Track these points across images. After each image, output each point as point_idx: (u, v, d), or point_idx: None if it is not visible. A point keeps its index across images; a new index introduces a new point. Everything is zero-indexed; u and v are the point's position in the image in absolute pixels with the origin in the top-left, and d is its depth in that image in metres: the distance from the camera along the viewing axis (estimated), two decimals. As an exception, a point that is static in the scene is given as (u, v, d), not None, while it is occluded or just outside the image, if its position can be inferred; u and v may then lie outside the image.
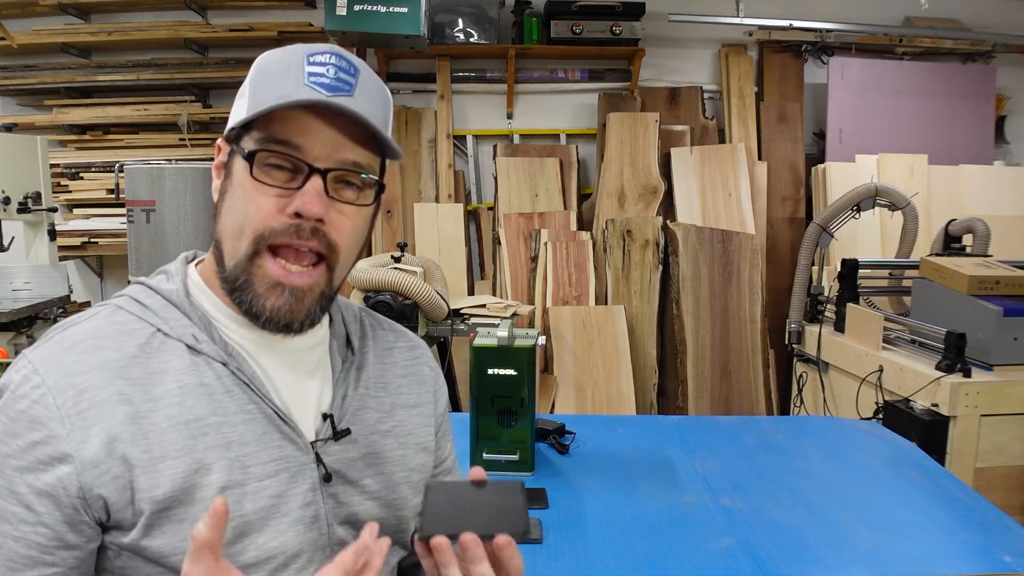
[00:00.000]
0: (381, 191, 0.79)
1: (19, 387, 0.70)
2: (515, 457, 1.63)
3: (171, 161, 3.15)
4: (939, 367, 2.51)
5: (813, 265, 3.51)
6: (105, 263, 4.27)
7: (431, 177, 4.06)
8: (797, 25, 3.99)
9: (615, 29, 3.83)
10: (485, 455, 1.64)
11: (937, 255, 3.11)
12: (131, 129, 4.08)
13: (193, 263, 0.85)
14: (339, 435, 0.81)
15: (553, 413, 3.22)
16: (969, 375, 2.46)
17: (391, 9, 3.27)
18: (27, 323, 3.08)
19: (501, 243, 3.79)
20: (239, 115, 0.76)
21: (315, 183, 0.73)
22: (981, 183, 3.91)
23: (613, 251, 3.66)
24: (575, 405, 3.40)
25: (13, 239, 3.19)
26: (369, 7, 3.25)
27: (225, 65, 3.99)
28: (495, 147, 4.03)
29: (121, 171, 3.22)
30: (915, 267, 3.04)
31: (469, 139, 4.17)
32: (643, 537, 1.35)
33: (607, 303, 3.65)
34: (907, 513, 1.46)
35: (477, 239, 4.14)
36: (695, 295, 3.63)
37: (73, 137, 4.07)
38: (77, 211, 4.04)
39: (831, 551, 1.30)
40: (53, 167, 3.66)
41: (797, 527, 1.39)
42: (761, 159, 4.03)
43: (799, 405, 3.47)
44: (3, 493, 0.69)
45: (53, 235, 3.35)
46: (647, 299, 3.66)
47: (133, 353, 0.74)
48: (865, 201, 3.35)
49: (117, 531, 0.72)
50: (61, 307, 3.25)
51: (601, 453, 1.77)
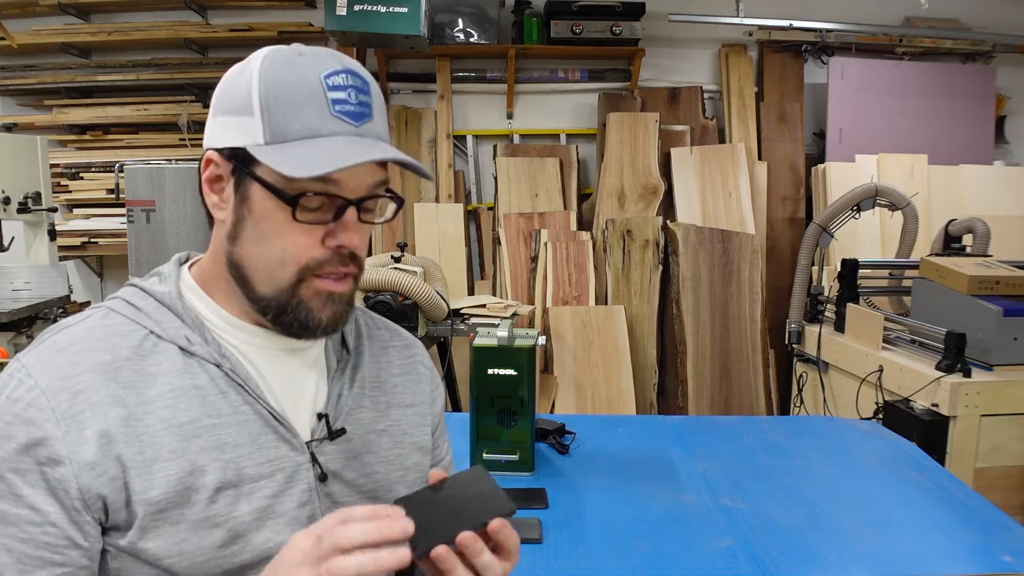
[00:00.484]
0: (400, 206, 0.81)
1: (13, 391, 0.70)
2: (515, 457, 1.63)
3: (171, 161, 3.16)
4: (939, 367, 2.51)
5: (813, 265, 3.51)
6: (105, 263, 4.27)
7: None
8: (797, 25, 3.99)
9: (615, 29, 3.83)
10: (485, 455, 1.64)
11: (937, 255, 3.11)
12: (131, 129, 4.09)
13: (186, 264, 0.84)
14: (334, 435, 0.81)
15: (553, 413, 3.22)
16: (969, 375, 2.46)
17: (391, 9, 3.27)
18: (27, 323, 3.08)
19: (501, 243, 3.79)
20: (251, 137, 0.72)
21: (352, 216, 0.74)
22: (981, 183, 3.91)
23: (613, 251, 3.66)
24: (575, 405, 3.40)
25: (13, 239, 3.19)
26: (369, 7, 3.25)
27: (225, 65, 3.93)
28: (495, 147, 4.03)
29: (121, 171, 3.22)
30: (915, 267, 3.04)
31: (469, 139, 4.17)
32: (643, 537, 1.35)
33: (607, 303, 3.65)
34: (907, 513, 1.46)
35: (477, 239, 4.14)
36: (695, 295, 3.63)
37: (73, 137, 4.08)
38: (77, 211, 4.04)
39: (831, 551, 1.30)
40: (53, 167, 3.66)
41: (797, 527, 1.39)
42: (761, 159, 4.03)
43: (799, 405, 3.47)
44: (5, 496, 0.68)
45: (53, 235, 3.36)
46: (647, 299, 3.66)
47: (126, 356, 0.73)
48: (865, 201, 3.35)
49: (115, 532, 0.72)
50: (61, 307, 3.25)
51: (601, 453, 1.77)
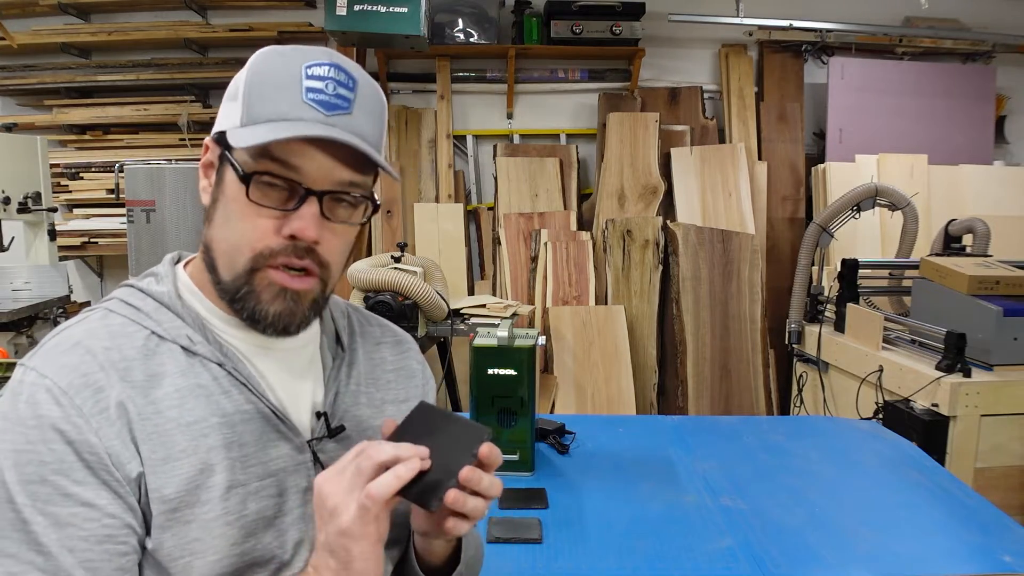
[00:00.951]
0: (375, 210, 0.79)
1: (32, 395, 0.69)
2: (515, 457, 1.63)
3: (171, 161, 3.16)
4: (939, 367, 2.51)
5: (813, 265, 3.51)
6: (105, 263, 4.27)
7: (431, 177, 4.06)
8: (797, 25, 3.99)
9: (615, 29, 3.83)
10: (485, 455, 1.63)
11: (937, 255, 3.11)
12: (131, 129, 4.08)
13: (181, 264, 0.84)
14: (334, 432, 0.82)
15: (553, 413, 3.22)
16: (969, 375, 2.46)
17: (391, 9, 3.27)
18: (27, 323, 3.08)
19: (501, 243, 3.79)
20: (231, 121, 0.75)
21: (311, 207, 0.73)
22: (981, 183, 3.91)
23: (613, 251, 3.66)
24: (575, 405, 3.40)
25: (13, 239, 3.19)
26: (369, 7, 3.25)
27: (225, 65, 3.99)
28: (495, 147, 4.03)
29: (121, 171, 3.22)
30: (915, 267, 3.04)
31: (469, 139, 4.17)
32: (643, 537, 1.35)
33: (607, 303, 3.65)
34: (907, 513, 1.45)
35: (477, 239, 4.14)
36: (695, 295, 3.63)
37: (73, 137, 4.07)
38: (77, 211, 4.04)
39: (831, 551, 1.30)
40: (53, 167, 3.66)
41: (797, 527, 1.39)
42: (761, 159, 4.03)
43: (799, 405, 3.47)
44: (56, 500, 0.67)
45: (53, 235, 3.35)
46: (647, 299, 3.66)
47: (132, 356, 0.73)
48: (865, 201, 3.35)
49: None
50: (61, 307, 3.25)
51: (601, 453, 1.76)
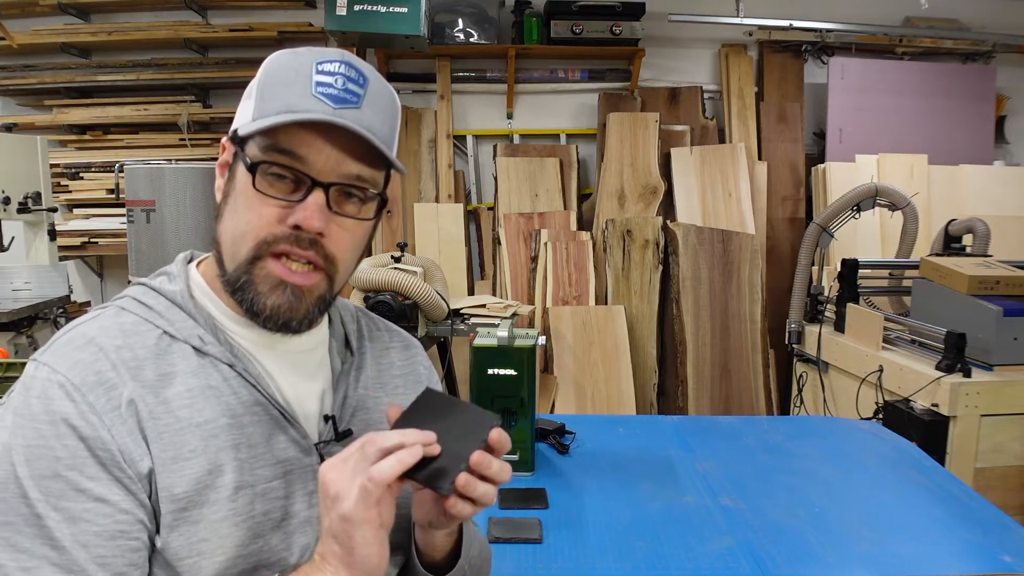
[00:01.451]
0: (384, 205, 0.79)
1: (44, 390, 0.69)
2: (515, 457, 1.63)
3: (171, 161, 3.15)
4: (939, 367, 2.51)
5: (813, 265, 3.51)
6: (105, 263, 4.27)
7: (431, 177, 4.06)
8: (797, 25, 3.99)
9: (615, 29, 3.83)
10: (485, 455, 1.64)
11: (937, 255, 3.11)
12: (131, 129, 4.08)
13: (193, 264, 0.84)
14: (341, 436, 0.82)
15: (553, 413, 3.22)
16: (969, 375, 2.46)
17: (391, 9, 3.27)
18: (27, 323, 3.08)
19: (501, 243, 3.79)
20: (244, 118, 0.76)
21: (317, 197, 0.73)
22: (981, 183, 3.91)
23: (613, 251, 3.66)
24: (575, 405, 3.40)
25: (13, 239, 3.19)
26: (369, 7, 3.25)
27: (225, 65, 3.99)
28: (495, 147, 4.03)
29: (121, 171, 3.22)
30: (915, 267, 3.04)
31: (469, 139, 4.17)
32: (643, 537, 1.35)
33: (607, 303, 3.65)
34: (907, 513, 1.45)
35: (477, 239, 4.14)
36: (695, 295, 3.63)
37: (73, 137, 4.07)
38: (77, 211, 4.04)
39: (831, 551, 1.30)
40: (53, 167, 3.66)
41: (797, 527, 1.39)
42: (761, 159, 4.03)
43: (799, 405, 3.47)
44: (69, 495, 0.67)
45: (53, 235, 3.36)
46: (647, 299, 3.66)
47: (144, 355, 0.73)
48: (865, 201, 3.35)
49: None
50: (61, 307, 3.25)
51: (601, 453, 1.76)
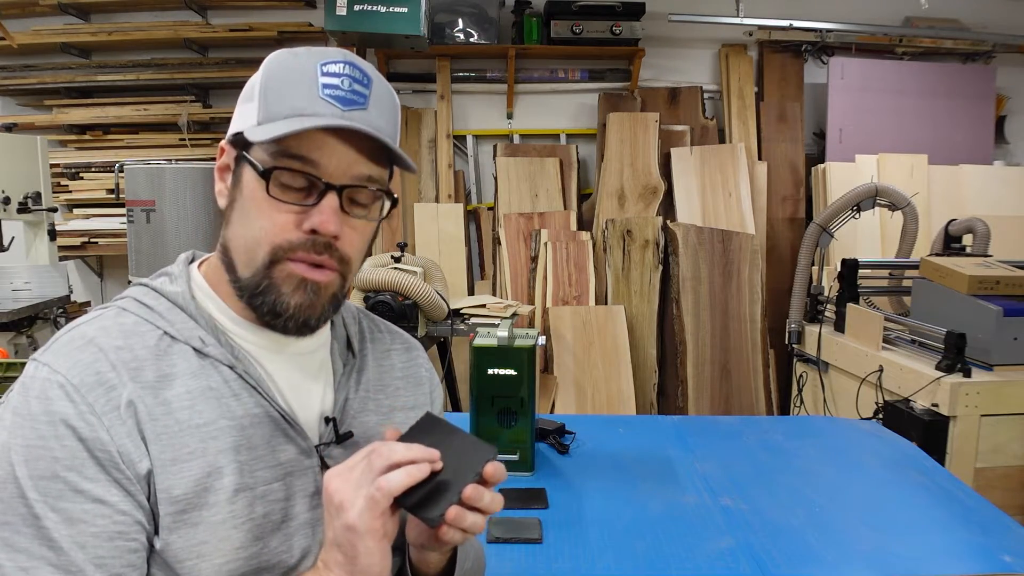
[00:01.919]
0: (395, 204, 0.80)
1: (44, 390, 0.69)
2: (515, 457, 1.63)
3: (171, 161, 3.15)
4: (939, 367, 2.51)
5: (813, 265, 3.51)
6: (105, 263, 4.27)
7: (431, 177, 4.06)
8: (797, 25, 3.99)
9: (615, 29, 3.83)
10: (485, 455, 1.63)
11: (937, 255, 3.11)
12: (131, 129, 4.08)
13: (195, 264, 0.84)
14: (342, 438, 0.82)
15: (553, 413, 3.22)
16: (969, 375, 2.46)
17: (391, 9, 3.27)
18: (27, 323, 3.08)
19: (501, 243, 3.79)
20: (247, 120, 0.75)
21: (331, 201, 0.73)
22: (981, 183, 3.91)
23: (613, 251, 3.66)
24: (575, 405, 3.40)
25: (13, 239, 3.19)
26: (369, 7, 3.25)
27: (225, 65, 3.99)
28: (495, 147, 4.03)
29: (121, 171, 3.22)
30: (915, 267, 3.04)
31: (469, 139, 4.17)
32: (643, 537, 1.35)
33: (607, 303, 3.65)
34: (907, 513, 1.45)
35: (477, 239, 4.14)
36: (695, 295, 3.63)
37: (73, 137, 4.07)
38: (77, 211, 4.04)
39: (831, 551, 1.30)
40: (53, 167, 3.66)
41: (797, 527, 1.39)
42: (761, 159, 4.03)
43: (799, 405, 3.47)
44: (67, 496, 0.66)
45: (53, 235, 3.36)
46: (647, 299, 3.66)
47: (144, 356, 0.73)
48: (865, 201, 3.35)
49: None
50: (61, 307, 3.25)
51: (601, 453, 1.76)
